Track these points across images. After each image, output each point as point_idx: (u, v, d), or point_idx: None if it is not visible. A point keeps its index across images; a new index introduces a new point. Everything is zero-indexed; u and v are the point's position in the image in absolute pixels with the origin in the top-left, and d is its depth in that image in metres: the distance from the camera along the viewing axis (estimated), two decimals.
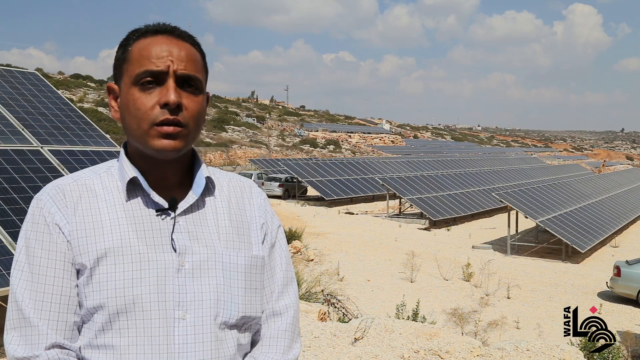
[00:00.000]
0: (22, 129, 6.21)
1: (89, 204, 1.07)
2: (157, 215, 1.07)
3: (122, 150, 1.12)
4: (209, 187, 1.14)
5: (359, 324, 4.91)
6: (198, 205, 1.12)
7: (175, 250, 1.06)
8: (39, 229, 1.05)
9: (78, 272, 1.04)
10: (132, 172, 1.08)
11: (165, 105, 1.02)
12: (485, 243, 16.71)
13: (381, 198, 25.01)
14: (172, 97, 1.01)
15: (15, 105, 6.63)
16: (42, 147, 6.07)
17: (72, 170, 5.93)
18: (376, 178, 25.13)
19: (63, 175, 5.77)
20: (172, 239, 1.06)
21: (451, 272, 11.78)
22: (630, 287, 10.88)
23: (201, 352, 1.04)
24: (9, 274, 4.23)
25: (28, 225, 1.07)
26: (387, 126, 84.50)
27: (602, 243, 17.09)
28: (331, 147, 51.80)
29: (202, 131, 1.16)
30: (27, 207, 5.75)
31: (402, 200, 21.75)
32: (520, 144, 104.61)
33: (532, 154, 66.19)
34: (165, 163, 1.09)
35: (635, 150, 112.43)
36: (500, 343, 4.73)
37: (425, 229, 19.29)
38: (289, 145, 50.27)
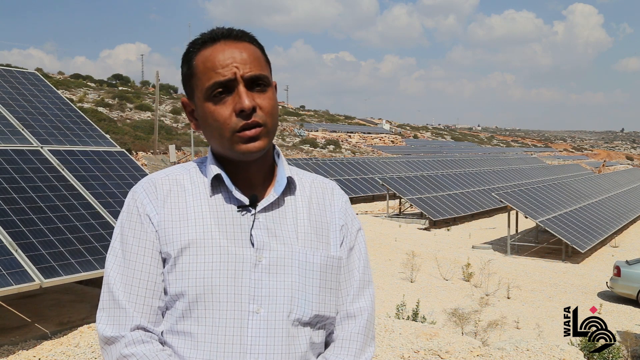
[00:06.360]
0: (22, 129, 6.20)
1: (177, 197, 1.13)
2: (239, 211, 1.12)
3: (209, 150, 1.19)
4: (291, 187, 1.18)
5: None
6: (278, 203, 1.16)
7: (253, 246, 1.09)
8: (132, 219, 1.12)
9: (164, 260, 1.10)
10: (216, 169, 1.13)
11: (241, 112, 1.06)
12: (485, 243, 16.71)
13: (381, 198, 25.01)
14: (246, 102, 1.06)
15: (15, 105, 6.62)
16: (42, 147, 6.06)
17: (72, 170, 5.92)
18: (376, 178, 25.11)
19: (63, 175, 5.75)
20: (251, 235, 1.10)
21: (451, 272, 11.78)
22: (630, 287, 10.88)
23: (272, 347, 1.06)
24: (9, 274, 4.22)
25: (124, 215, 1.14)
26: (387, 126, 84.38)
27: (602, 243, 17.08)
28: (331, 147, 51.75)
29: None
30: (27, 207, 5.72)
31: (402, 200, 21.75)
32: (520, 144, 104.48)
33: (532, 154, 66.09)
34: (248, 163, 1.13)
35: (635, 150, 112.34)
36: (500, 343, 4.72)
37: (425, 229, 19.29)
38: (289, 145, 50.26)
